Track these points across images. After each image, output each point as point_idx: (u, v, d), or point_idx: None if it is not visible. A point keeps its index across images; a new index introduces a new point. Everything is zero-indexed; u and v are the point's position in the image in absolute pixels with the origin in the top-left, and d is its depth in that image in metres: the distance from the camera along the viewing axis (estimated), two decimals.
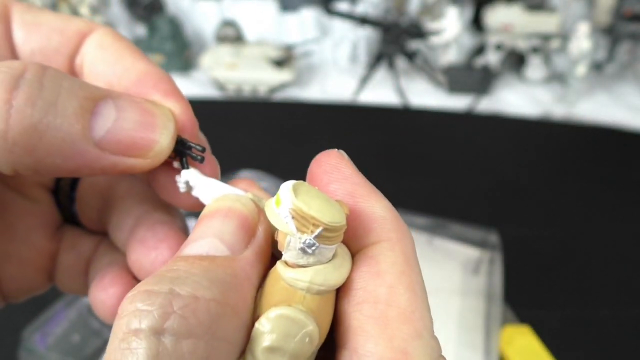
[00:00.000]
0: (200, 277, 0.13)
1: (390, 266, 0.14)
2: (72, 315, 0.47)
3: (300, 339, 0.13)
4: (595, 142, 0.79)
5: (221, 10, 1.06)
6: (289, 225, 0.13)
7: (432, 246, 0.54)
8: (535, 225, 0.61)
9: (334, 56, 1.06)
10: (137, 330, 0.12)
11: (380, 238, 0.15)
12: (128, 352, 0.11)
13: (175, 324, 0.12)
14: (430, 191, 0.67)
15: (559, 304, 0.51)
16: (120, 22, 1.07)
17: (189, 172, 0.17)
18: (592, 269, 0.55)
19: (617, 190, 0.67)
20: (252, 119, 0.87)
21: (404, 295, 0.14)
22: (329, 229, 0.13)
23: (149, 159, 0.16)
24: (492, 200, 0.66)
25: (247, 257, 0.14)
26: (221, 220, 0.15)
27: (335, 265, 0.14)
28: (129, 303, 0.12)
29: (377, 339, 0.13)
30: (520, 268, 0.54)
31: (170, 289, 0.12)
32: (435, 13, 0.97)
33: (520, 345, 0.45)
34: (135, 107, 0.16)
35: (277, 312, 0.13)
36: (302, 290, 0.13)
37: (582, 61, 0.86)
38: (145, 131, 0.16)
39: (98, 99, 0.15)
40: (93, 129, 0.15)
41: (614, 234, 0.60)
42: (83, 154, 0.15)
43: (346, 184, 0.15)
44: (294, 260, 0.13)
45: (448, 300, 0.48)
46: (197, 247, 0.14)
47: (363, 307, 0.14)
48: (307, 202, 0.13)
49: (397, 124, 0.85)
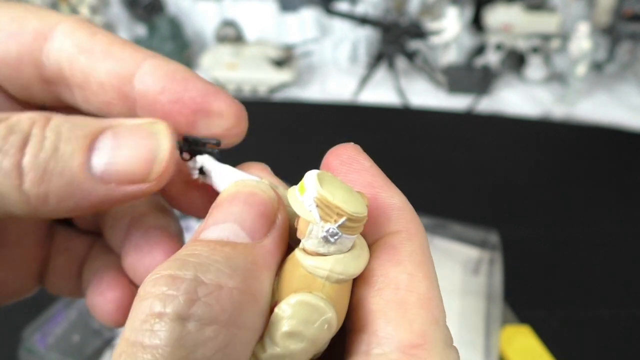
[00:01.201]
0: (222, 264, 0.13)
1: (409, 255, 0.15)
2: (72, 315, 0.47)
3: (319, 325, 0.13)
4: (595, 142, 0.79)
5: (221, 10, 1.06)
6: (313, 213, 0.13)
7: (432, 246, 0.54)
8: (535, 225, 0.61)
9: (334, 56, 1.06)
10: (162, 314, 0.12)
11: (399, 228, 0.15)
12: (150, 334, 0.12)
13: (200, 310, 0.12)
14: (430, 191, 0.67)
15: (559, 304, 0.51)
16: (120, 22, 1.08)
17: (203, 158, 0.17)
18: (592, 269, 0.55)
19: (617, 190, 0.67)
20: (252, 119, 0.87)
21: (422, 282, 0.14)
22: (352, 219, 0.13)
23: (153, 181, 0.16)
24: (492, 200, 0.66)
25: (267, 245, 0.14)
26: (242, 206, 0.15)
27: (354, 255, 0.14)
28: (152, 286, 0.12)
29: (398, 323, 0.14)
30: (520, 268, 0.54)
31: (195, 276, 0.12)
32: (435, 13, 0.97)
33: (520, 345, 0.45)
34: (130, 133, 0.16)
35: (297, 298, 0.13)
36: (322, 278, 0.14)
37: (582, 61, 0.86)
38: (140, 156, 0.16)
39: (97, 134, 0.15)
40: (94, 166, 0.15)
41: (614, 234, 0.60)
42: (91, 192, 0.15)
43: (366, 175, 0.16)
44: (315, 248, 0.14)
45: (448, 300, 0.48)
46: (218, 231, 0.14)
47: (384, 293, 0.14)
48: (331, 192, 0.13)
49: (397, 124, 0.85)
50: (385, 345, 0.14)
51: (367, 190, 0.15)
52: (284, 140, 0.78)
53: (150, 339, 0.12)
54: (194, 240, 0.14)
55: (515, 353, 0.45)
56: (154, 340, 0.12)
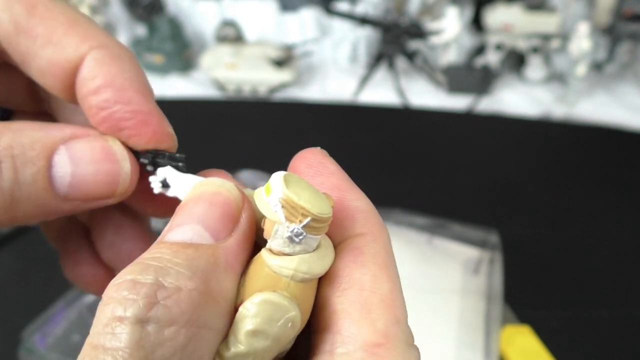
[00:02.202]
0: (183, 267, 0.13)
1: (373, 257, 0.15)
2: (72, 315, 0.47)
3: (283, 324, 0.14)
4: (595, 142, 0.79)
5: (221, 10, 1.06)
6: (278, 214, 0.13)
7: (432, 246, 0.54)
8: (535, 225, 0.61)
9: (334, 56, 1.06)
10: (122, 317, 0.12)
11: (364, 230, 0.15)
12: (111, 337, 0.12)
13: (158, 312, 0.12)
14: (430, 191, 0.67)
15: (559, 304, 0.51)
16: (120, 22, 1.08)
17: (165, 170, 0.17)
18: (592, 269, 0.55)
19: (617, 190, 0.67)
20: (252, 119, 0.87)
21: (386, 284, 0.14)
22: (317, 219, 0.13)
23: (118, 196, 0.17)
24: (492, 200, 0.66)
25: (231, 245, 0.14)
26: (206, 206, 0.15)
27: (319, 255, 0.14)
28: (114, 291, 0.13)
29: (361, 322, 0.14)
30: (520, 268, 0.54)
31: (155, 279, 0.13)
32: (435, 13, 0.97)
33: (520, 345, 0.45)
34: (89, 153, 0.16)
35: (261, 297, 0.14)
36: (286, 278, 0.14)
37: (582, 61, 0.86)
38: (105, 179, 0.16)
39: (51, 152, 0.16)
40: (57, 188, 0.16)
41: (614, 234, 0.60)
42: (57, 209, 0.16)
43: (332, 179, 0.16)
44: (280, 248, 0.14)
45: (448, 300, 0.48)
46: (181, 233, 0.14)
47: (348, 293, 0.14)
48: (297, 193, 0.13)
49: (397, 124, 0.85)
50: (349, 344, 0.14)
51: (334, 193, 0.16)
52: (284, 140, 0.78)
53: (111, 342, 0.12)
54: (159, 242, 0.14)
55: (515, 353, 0.45)
56: (115, 342, 0.12)
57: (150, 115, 0.17)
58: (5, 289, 0.54)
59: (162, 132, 0.17)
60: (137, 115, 0.16)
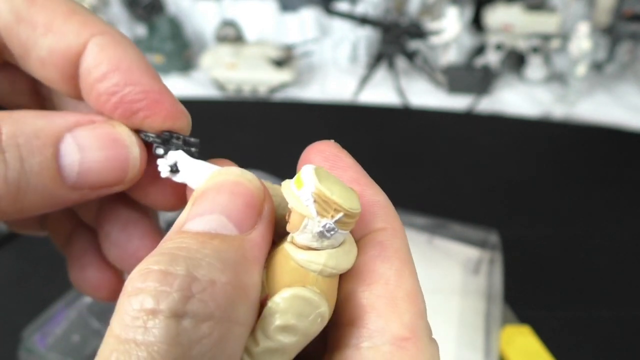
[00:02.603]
0: (213, 258, 0.13)
1: (396, 252, 0.15)
2: (72, 315, 0.47)
3: (313, 319, 0.14)
4: (595, 142, 0.79)
5: (221, 10, 1.06)
6: (310, 208, 0.13)
7: (432, 246, 0.54)
8: (535, 225, 0.61)
9: (334, 56, 1.06)
10: (155, 310, 0.12)
11: (385, 225, 0.15)
12: (144, 330, 0.11)
13: (195, 307, 0.12)
14: (430, 191, 0.67)
15: (559, 304, 0.51)
16: (120, 22, 1.07)
17: (177, 154, 0.17)
18: (592, 269, 0.55)
19: (617, 190, 0.67)
20: (252, 119, 0.87)
21: (409, 278, 0.15)
22: (348, 214, 0.13)
23: (127, 183, 0.17)
24: (492, 200, 0.66)
25: (255, 238, 0.14)
26: (228, 195, 0.14)
27: (345, 250, 0.14)
28: (141, 282, 0.12)
29: (389, 316, 0.14)
30: (520, 268, 0.54)
31: (188, 271, 0.12)
32: (435, 13, 0.97)
33: (520, 345, 0.45)
34: (96, 140, 0.16)
35: (291, 292, 0.13)
36: (314, 272, 0.14)
37: (582, 61, 0.86)
38: (114, 165, 0.16)
39: (56, 142, 0.15)
40: (65, 177, 0.15)
41: (614, 234, 0.60)
42: (65, 198, 0.16)
43: (350, 172, 0.16)
44: (308, 242, 0.14)
45: (448, 300, 0.48)
46: (204, 223, 0.14)
47: (374, 288, 0.14)
48: (329, 188, 0.13)
49: (397, 124, 0.85)
50: (376, 338, 0.14)
51: (353, 186, 0.15)
52: (284, 140, 0.78)
53: (144, 336, 0.11)
54: (178, 232, 0.14)
55: (515, 353, 0.45)
56: (148, 337, 0.11)
57: (162, 94, 0.16)
58: (5, 289, 0.54)
59: (176, 110, 0.17)
60: (149, 95, 0.16)
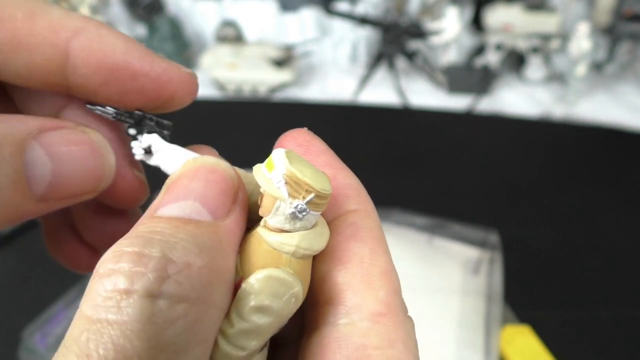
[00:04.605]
0: (188, 242, 0.13)
1: (370, 232, 0.15)
2: (72, 315, 0.47)
3: (287, 299, 0.14)
4: (595, 142, 0.79)
5: (221, 10, 1.06)
6: (282, 190, 0.13)
7: (432, 246, 0.54)
8: (535, 225, 0.61)
9: (334, 56, 1.06)
10: (129, 290, 0.11)
11: (357, 207, 0.16)
12: (116, 310, 0.11)
13: (170, 287, 0.12)
14: (430, 191, 0.67)
15: (559, 304, 0.51)
16: (120, 22, 1.07)
17: (152, 137, 0.16)
18: (592, 269, 0.55)
19: (617, 190, 0.67)
20: (252, 119, 0.87)
21: (383, 257, 0.15)
22: (320, 195, 0.14)
23: (99, 191, 0.16)
24: (492, 200, 0.66)
25: (230, 224, 0.14)
26: (203, 183, 0.14)
27: (317, 232, 0.14)
28: (113, 263, 0.12)
29: (365, 293, 0.14)
30: (520, 268, 0.54)
31: (163, 253, 0.12)
32: (435, 13, 0.97)
33: (520, 345, 0.45)
34: (69, 149, 0.15)
35: (265, 273, 0.14)
36: (287, 254, 0.14)
37: (582, 61, 0.86)
38: (90, 175, 0.15)
39: (22, 149, 0.14)
40: (33, 189, 0.14)
41: (614, 234, 0.60)
42: (31, 211, 0.15)
43: (322, 157, 0.16)
44: (280, 225, 0.14)
45: (448, 300, 0.48)
46: (177, 208, 0.14)
47: (349, 267, 0.15)
48: (300, 169, 0.14)
49: (397, 124, 0.85)
50: (353, 314, 0.14)
51: (326, 170, 0.16)
52: None
53: (117, 315, 0.11)
54: (151, 217, 0.14)
55: (515, 353, 0.45)
56: (122, 316, 0.11)
57: (174, 68, 0.16)
58: (5, 289, 0.54)
59: (183, 84, 0.17)
60: (155, 79, 0.16)
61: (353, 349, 0.14)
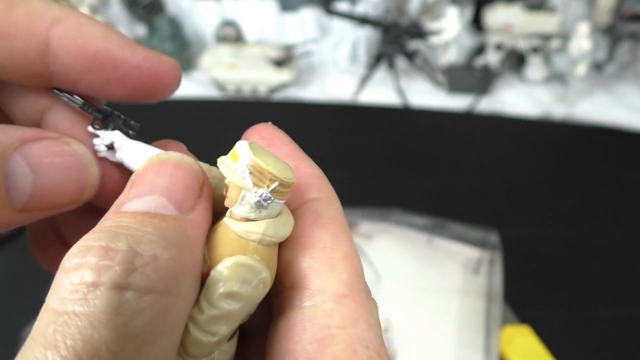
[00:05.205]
0: (155, 235, 0.13)
1: (332, 218, 0.16)
2: None
3: (255, 285, 0.14)
4: (595, 142, 0.79)
5: (221, 10, 1.06)
6: (246, 180, 0.14)
7: (432, 246, 0.54)
8: (535, 225, 0.61)
9: (334, 56, 1.06)
10: (96, 283, 0.12)
11: (320, 195, 0.16)
12: (83, 302, 0.11)
13: (137, 279, 0.12)
14: (430, 191, 0.67)
15: (559, 304, 0.51)
16: (120, 22, 1.07)
17: (113, 134, 0.17)
18: (592, 269, 0.55)
19: (617, 190, 0.67)
20: (252, 119, 0.87)
21: (345, 241, 0.16)
22: (283, 184, 0.14)
23: (81, 202, 0.16)
24: (492, 200, 0.66)
25: (196, 218, 0.14)
26: (168, 178, 0.14)
27: (282, 220, 0.15)
28: (80, 258, 0.12)
29: (328, 276, 0.15)
30: (520, 268, 0.54)
31: (130, 247, 0.12)
32: (435, 13, 0.97)
33: (520, 345, 0.45)
34: (51, 160, 0.15)
35: (234, 260, 0.14)
36: (254, 242, 0.14)
37: (582, 61, 0.86)
38: (72, 186, 0.15)
39: (4, 161, 0.14)
40: (13, 200, 0.14)
41: (614, 234, 0.60)
42: (11, 221, 0.15)
43: (286, 149, 0.17)
44: (246, 214, 0.14)
45: (448, 300, 0.48)
46: (142, 203, 0.14)
47: (313, 252, 0.15)
48: (263, 159, 0.14)
49: (397, 124, 0.85)
50: (317, 296, 0.15)
51: (289, 161, 0.16)
52: None
53: (84, 307, 0.11)
54: (117, 212, 0.14)
55: (515, 353, 0.45)
56: (89, 308, 0.11)
57: (159, 56, 0.16)
58: (5, 289, 0.54)
59: (177, 73, 0.17)
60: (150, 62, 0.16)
61: (317, 329, 0.14)
